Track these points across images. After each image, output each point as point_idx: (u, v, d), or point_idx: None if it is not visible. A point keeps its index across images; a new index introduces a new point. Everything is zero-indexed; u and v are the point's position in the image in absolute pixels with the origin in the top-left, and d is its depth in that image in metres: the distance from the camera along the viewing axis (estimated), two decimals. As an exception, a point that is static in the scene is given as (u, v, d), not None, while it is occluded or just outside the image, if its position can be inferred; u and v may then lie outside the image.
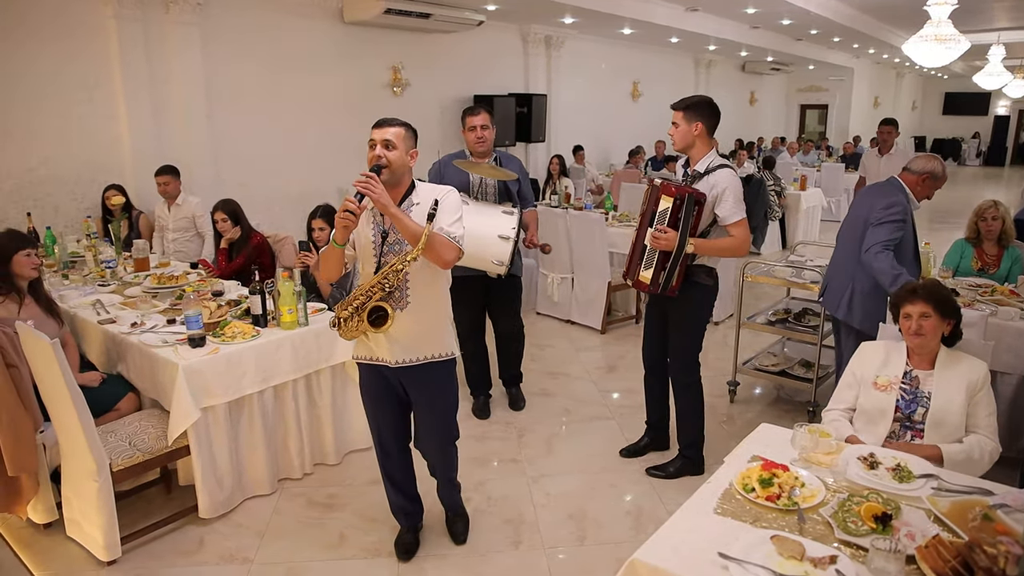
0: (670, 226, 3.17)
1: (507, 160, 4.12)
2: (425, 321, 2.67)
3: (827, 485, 2.09)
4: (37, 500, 3.09)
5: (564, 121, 11.01)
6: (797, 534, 1.85)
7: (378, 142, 2.56)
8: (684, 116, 3.28)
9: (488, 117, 3.95)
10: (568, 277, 6.13)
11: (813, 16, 10.46)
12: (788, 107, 20.14)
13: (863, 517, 1.88)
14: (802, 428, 2.26)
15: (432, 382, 2.76)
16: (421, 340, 2.68)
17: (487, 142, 3.95)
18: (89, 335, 3.74)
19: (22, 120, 5.69)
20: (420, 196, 2.63)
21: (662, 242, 3.18)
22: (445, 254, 2.56)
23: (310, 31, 7.55)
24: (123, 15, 5.98)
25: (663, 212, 3.20)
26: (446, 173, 4.02)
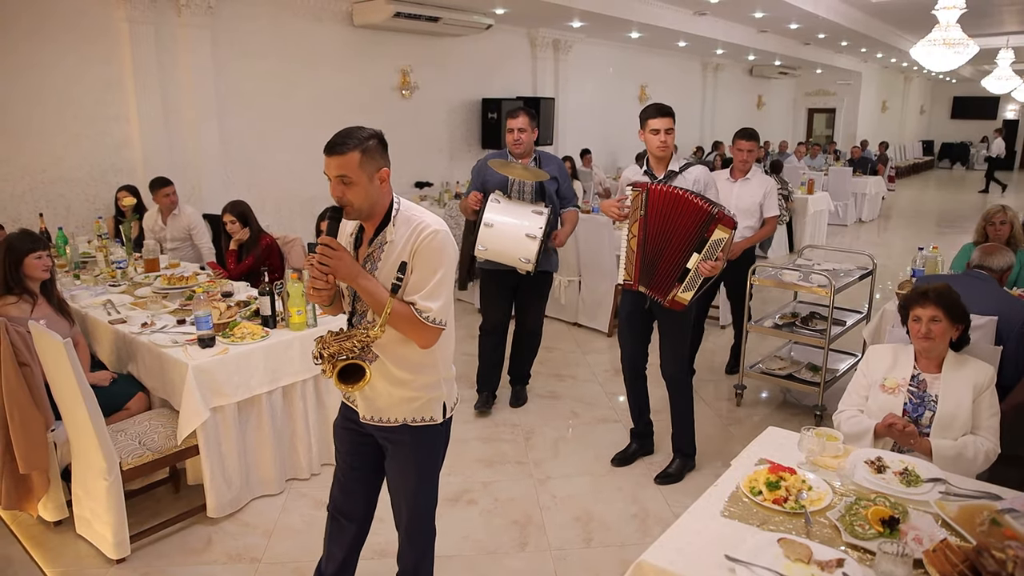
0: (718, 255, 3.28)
1: (546, 160, 4.16)
2: (398, 380, 2.13)
3: (834, 488, 2.10)
4: (48, 498, 3.11)
5: (572, 124, 11.03)
6: (804, 537, 1.86)
7: (331, 177, 2.00)
8: (673, 121, 3.41)
9: (527, 120, 4.03)
10: (575, 280, 6.14)
11: (821, 20, 10.45)
12: (796, 111, 20.13)
13: (870, 521, 1.88)
14: (809, 431, 2.26)
15: (403, 449, 2.24)
16: (392, 400, 2.16)
17: (524, 144, 4.03)
18: (100, 335, 3.77)
19: (36, 122, 5.74)
20: (397, 232, 2.06)
21: (717, 270, 3.27)
22: (417, 336, 2.05)
23: (320, 34, 7.59)
24: (135, 18, 6.03)
25: (717, 242, 3.22)
26: (486, 172, 4.08)
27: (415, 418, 2.19)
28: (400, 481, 2.29)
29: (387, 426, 2.20)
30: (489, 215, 3.82)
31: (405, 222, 2.07)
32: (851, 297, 5.15)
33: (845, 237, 10.94)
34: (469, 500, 3.45)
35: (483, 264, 4.14)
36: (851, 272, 4.74)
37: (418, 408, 2.18)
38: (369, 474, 2.37)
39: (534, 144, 4.12)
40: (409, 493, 2.29)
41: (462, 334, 5.95)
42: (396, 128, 8.67)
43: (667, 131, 3.36)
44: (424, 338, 2.06)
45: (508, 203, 3.90)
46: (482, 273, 4.31)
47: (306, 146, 7.54)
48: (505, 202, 3.89)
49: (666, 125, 3.36)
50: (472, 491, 3.53)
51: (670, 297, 3.35)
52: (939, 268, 4.37)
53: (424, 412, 2.19)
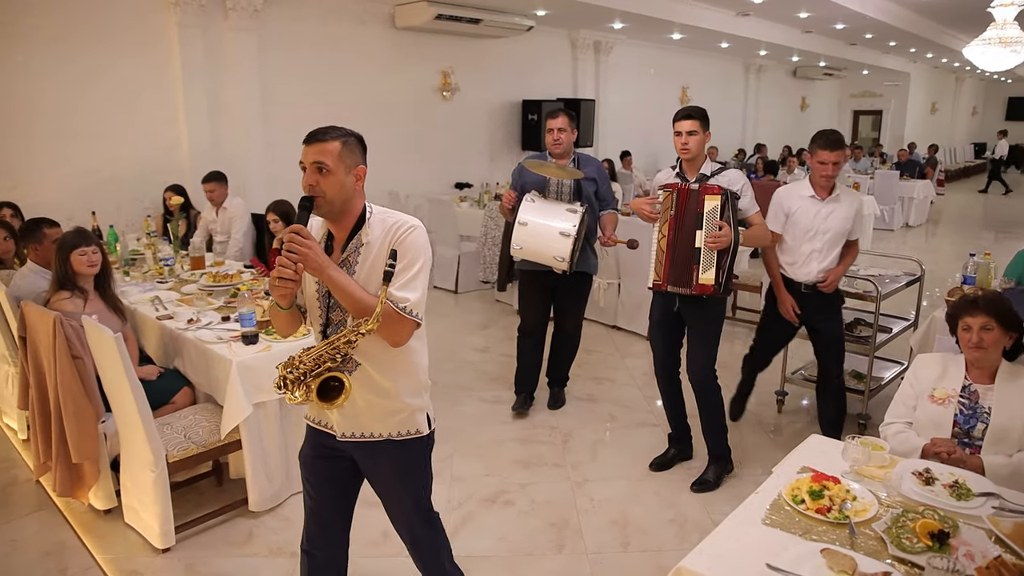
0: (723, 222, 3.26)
1: (585, 162, 4.17)
2: (382, 389, 2.03)
3: (880, 499, 2.05)
4: (98, 487, 3.21)
5: (612, 126, 11.00)
6: (848, 548, 1.82)
7: (308, 165, 1.91)
8: (701, 125, 3.37)
9: (566, 120, 4.05)
10: (615, 282, 6.10)
11: (868, 20, 10.24)
12: (840, 113, 19.77)
13: (918, 534, 1.84)
14: (854, 440, 2.21)
15: (388, 465, 2.14)
16: (374, 413, 2.05)
17: (563, 144, 4.04)
18: (148, 330, 3.87)
19: (89, 123, 5.93)
20: (373, 233, 1.97)
21: (723, 239, 3.23)
22: (395, 332, 1.94)
23: (362, 37, 7.69)
24: (185, 23, 6.19)
25: (712, 211, 3.25)
26: (525, 174, 4.12)
27: (400, 432, 2.08)
28: (394, 503, 2.22)
29: (369, 442, 2.07)
30: (523, 214, 3.84)
31: (380, 223, 1.98)
32: (898, 304, 5.03)
33: (891, 242, 10.70)
34: (506, 501, 3.45)
35: (521, 265, 4.15)
36: (898, 278, 4.62)
37: (402, 421, 2.08)
38: (347, 501, 2.27)
39: (573, 146, 4.12)
40: (408, 513, 2.22)
41: (501, 335, 5.97)
42: (437, 129, 8.76)
43: (689, 133, 3.34)
44: (400, 333, 1.94)
45: (543, 202, 3.92)
46: (521, 274, 4.32)
47: (348, 147, 7.64)
48: (540, 201, 3.91)
49: (688, 128, 3.34)
50: (509, 492, 3.53)
51: (695, 284, 3.33)
52: (991, 275, 4.24)
53: (409, 425, 2.09)
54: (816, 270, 3.68)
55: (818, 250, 3.66)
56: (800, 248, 3.69)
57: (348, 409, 2.03)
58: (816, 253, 3.67)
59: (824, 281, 3.68)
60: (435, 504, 2.29)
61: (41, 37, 5.60)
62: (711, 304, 3.44)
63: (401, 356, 2.04)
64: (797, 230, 3.69)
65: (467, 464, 3.81)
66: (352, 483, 2.25)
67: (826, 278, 3.69)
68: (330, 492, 2.22)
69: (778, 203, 3.76)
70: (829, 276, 3.69)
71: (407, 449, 2.11)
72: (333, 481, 2.20)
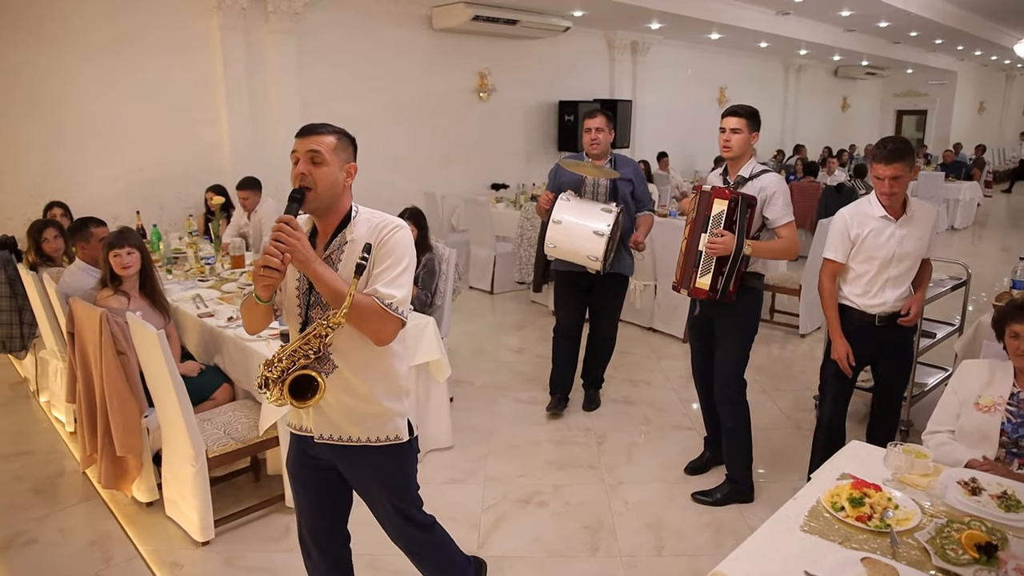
0: (725, 229, 3.14)
1: (622, 163, 4.16)
2: (358, 392, 1.99)
3: (923, 508, 2.00)
4: (141, 480, 3.29)
5: (649, 127, 10.93)
6: (890, 558, 1.78)
7: (301, 155, 1.92)
8: (748, 124, 3.25)
9: (604, 120, 4.04)
10: (651, 284, 6.06)
11: (914, 18, 10.02)
12: (883, 113, 19.35)
13: (964, 545, 1.79)
14: (896, 447, 2.16)
15: (367, 471, 2.11)
16: (351, 416, 2.02)
17: (601, 144, 4.03)
18: (189, 327, 3.95)
19: (134, 124, 6.08)
20: (357, 231, 1.97)
21: (719, 246, 3.12)
22: (377, 327, 1.89)
23: (400, 38, 7.76)
24: (228, 25, 6.31)
25: (717, 216, 3.16)
26: (561, 174, 4.11)
27: (379, 437, 2.04)
28: (378, 508, 2.19)
29: (344, 445, 2.04)
30: (558, 212, 3.84)
31: (366, 222, 1.99)
32: (942, 308, 4.91)
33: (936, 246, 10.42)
34: (540, 502, 3.45)
35: (557, 265, 4.15)
36: (942, 282, 4.51)
37: (379, 426, 2.04)
38: (336, 511, 2.25)
39: (610, 146, 4.11)
40: (392, 518, 2.19)
41: (537, 336, 5.97)
42: (473, 130, 8.79)
43: (732, 131, 3.24)
44: (385, 330, 1.91)
45: (578, 201, 3.91)
46: (556, 275, 4.31)
47: (385, 148, 7.72)
48: (575, 200, 3.91)
49: (732, 125, 3.24)
50: (543, 493, 3.53)
51: (692, 287, 3.27)
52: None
53: (388, 431, 2.04)
54: (892, 299, 3.12)
55: (894, 277, 3.11)
56: (873, 277, 3.12)
57: (324, 410, 2.00)
58: (892, 281, 3.11)
59: (906, 314, 3.13)
60: (469, 503, 2.30)
61: (88, 41, 5.77)
62: (734, 309, 3.30)
63: (379, 359, 2.01)
64: (869, 257, 3.10)
65: (501, 464, 3.82)
66: (340, 494, 2.22)
67: (908, 308, 3.14)
68: (318, 502, 2.20)
69: (843, 229, 3.14)
70: (912, 306, 3.14)
71: (385, 455, 2.07)
72: (324, 488, 2.18)
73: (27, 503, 3.42)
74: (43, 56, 5.60)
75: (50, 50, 5.63)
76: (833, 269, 3.19)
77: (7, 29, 5.44)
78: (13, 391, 4.84)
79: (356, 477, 2.14)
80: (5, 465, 3.80)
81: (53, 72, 5.66)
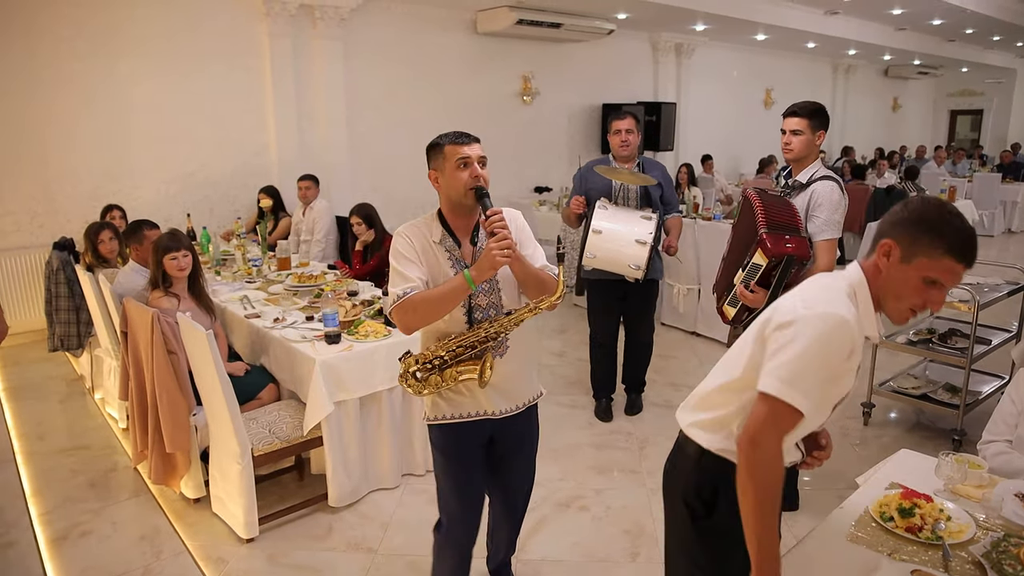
0: (760, 281, 2.84)
1: (650, 166, 4.11)
2: (524, 364, 2.32)
3: (977, 521, 1.93)
4: (188, 476, 3.37)
5: (693, 129, 10.82)
6: (942, 571, 1.73)
7: (475, 160, 2.15)
8: (809, 124, 3.05)
9: (633, 122, 3.99)
10: (695, 288, 5.99)
11: (969, 14, 9.73)
12: (936, 113, 18.80)
13: (1022, 560, 1.73)
14: (949, 457, 2.10)
15: (531, 427, 2.45)
16: (521, 385, 2.33)
17: (631, 146, 3.98)
18: (236, 328, 4.03)
19: (186, 130, 6.24)
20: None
21: (749, 300, 2.91)
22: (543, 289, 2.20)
23: (445, 42, 7.82)
24: (276, 32, 6.44)
25: (755, 267, 2.89)
26: (589, 178, 4.06)
27: (533, 396, 2.39)
28: (524, 454, 2.48)
29: (521, 411, 2.33)
30: (597, 222, 3.78)
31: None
32: (997, 314, 4.74)
33: (992, 249, 10.11)
34: (581, 506, 3.43)
35: (589, 274, 4.09)
36: (999, 287, 4.37)
37: (535, 383, 2.40)
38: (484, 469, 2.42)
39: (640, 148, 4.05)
40: (531, 456, 2.50)
41: (578, 340, 5.94)
42: (517, 134, 8.81)
43: (793, 132, 3.06)
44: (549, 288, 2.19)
45: (616, 209, 3.86)
46: (588, 284, 4.23)
47: (429, 151, 7.78)
48: (612, 208, 3.86)
49: (792, 126, 3.07)
50: (584, 497, 3.51)
51: (719, 305, 3.20)
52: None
53: (536, 389, 2.41)
54: None
55: None
56: None
57: (507, 386, 2.26)
58: None
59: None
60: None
61: (142, 49, 5.95)
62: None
63: (530, 336, 2.33)
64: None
65: (542, 468, 3.75)
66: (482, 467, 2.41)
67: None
68: (480, 479, 2.41)
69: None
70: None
71: (536, 408, 2.45)
72: (474, 465, 2.36)
73: (83, 496, 3.53)
74: (100, 64, 5.80)
75: (107, 58, 5.82)
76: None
77: (69, 39, 5.64)
78: (70, 388, 5.01)
79: (515, 440, 2.40)
80: (63, 459, 3.93)
81: (110, 79, 5.85)
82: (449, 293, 2.08)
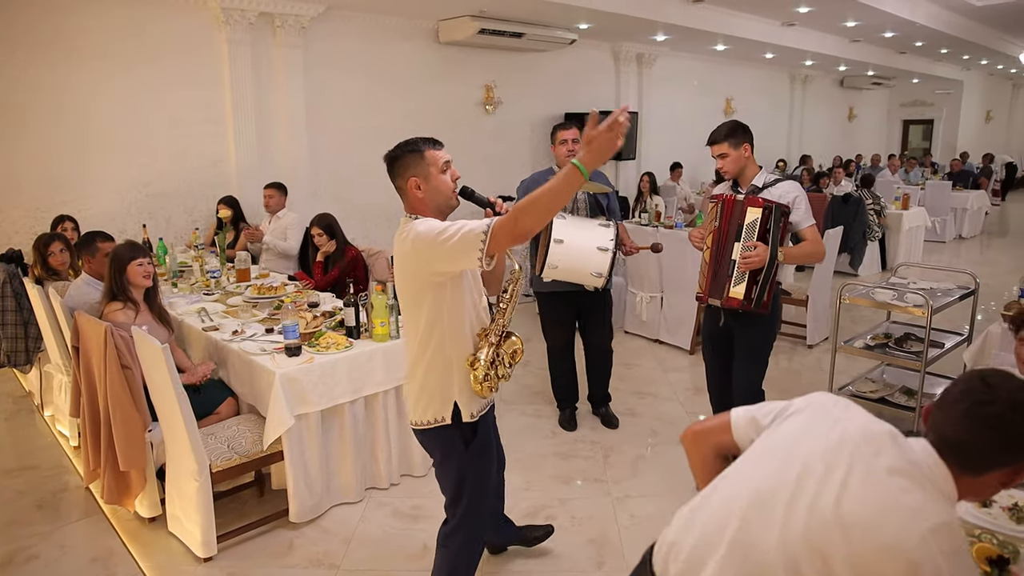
0: (758, 239, 3.18)
1: (595, 175, 4.11)
2: None
3: (934, 522, 1.96)
4: (144, 495, 3.27)
5: (655, 138, 10.92)
6: (901, 573, 1.74)
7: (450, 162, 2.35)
8: (730, 144, 3.29)
9: (578, 132, 4.01)
10: (657, 296, 6.04)
11: (919, 28, 10.01)
12: (889, 123, 19.31)
13: (975, 559, 1.76)
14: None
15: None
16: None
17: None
18: (194, 341, 3.95)
19: (142, 139, 6.11)
20: None
21: (754, 259, 3.16)
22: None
23: (407, 52, 7.79)
24: (235, 39, 6.34)
25: (751, 224, 3.18)
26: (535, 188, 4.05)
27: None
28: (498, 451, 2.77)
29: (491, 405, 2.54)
30: (558, 231, 3.74)
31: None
32: (950, 318, 4.87)
33: (943, 255, 10.39)
34: (547, 516, 3.42)
35: (540, 287, 4.09)
36: (950, 291, 4.48)
37: None
38: None
39: None
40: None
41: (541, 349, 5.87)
42: (479, 143, 8.80)
43: (720, 157, 3.32)
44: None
45: (572, 218, 3.86)
46: (540, 297, 4.25)
47: (391, 161, 7.73)
48: (570, 217, 3.85)
49: (716, 152, 3.33)
50: (549, 507, 3.50)
51: (725, 296, 3.28)
52: (1052, 289, 4.07)
53: None
54: None
55: None
56: None
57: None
58: None
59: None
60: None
61: (95, 54, 5.80)
62: (758, 320, 3.34)
63: None
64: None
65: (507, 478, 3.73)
66: None
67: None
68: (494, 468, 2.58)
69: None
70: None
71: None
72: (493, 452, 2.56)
73: (29, 519, 3.41)
74: (50, 71, 5.64)
75: (57, 65, 5.67)
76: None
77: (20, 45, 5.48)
78: (17, 405, 4.85)
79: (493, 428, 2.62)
80: (8, 480, 3.79)
81: (60, 87, 5.70)
82: (563, 183, 2.01)
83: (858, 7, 8.60)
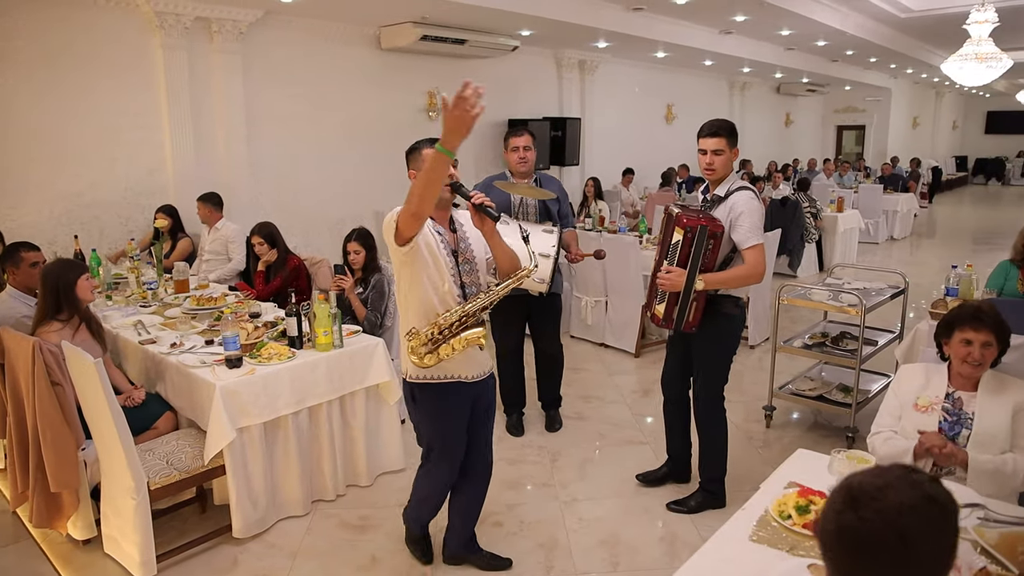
0: (679, 262, 3.06)
1: (547, 181, 4.17)
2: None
3: (868, 514, 2.03)
4: (77, 516, 3.14)
5: (598, 144, 11.05)
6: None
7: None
8: (727, 142, 3.15)
9: (531, 139, 4.05)
10: (602, 300, 6.10)
11: (848, 37, 10.38)
12: (824, 128, 19.95)
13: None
14: (840, 454, 2.20)
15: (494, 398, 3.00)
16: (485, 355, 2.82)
17: (529, 163, 4.04)
18: (130, 355, 3.82)
19: (72, 147, 5.89)
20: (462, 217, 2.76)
21: (666, 283, 3.09)
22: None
23: (348, 58, 7.71)
24: (170, 44, 6.18)
25: (675, 245, 3.08)
26: (489, 194, 4.05)
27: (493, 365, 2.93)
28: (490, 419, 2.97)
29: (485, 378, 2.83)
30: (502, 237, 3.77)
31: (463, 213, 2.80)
32: (883, 316, 5.05)
33: (876, 255, 10.77)
34: (495, 523, 3.41)
35: None
36: (883, 291, 4.65)
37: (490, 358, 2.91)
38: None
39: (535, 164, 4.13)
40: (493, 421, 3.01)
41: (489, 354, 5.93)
42: (423, 149, 8.73)
43: (714, 152, 3.14)
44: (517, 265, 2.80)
45: (516, 224, 3.88)
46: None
47: (334, 168, 7.64)
48: (514, 223, 3.87)
49: (713, 146, 3.14)
50: (498, 513, 3.49)
51: (651, 311, 3.30)
52: (974, 286, 4.27)
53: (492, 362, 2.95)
54: None
55: None
56: None
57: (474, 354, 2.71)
58: None
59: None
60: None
61: (23, 60, 5.58)
62: (705, 336, 3.25)
63: None
64: None
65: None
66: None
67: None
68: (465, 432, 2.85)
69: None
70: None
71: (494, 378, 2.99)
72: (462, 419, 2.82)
73: (-46, 545, 3.25)
74: (-27, 78, 5.41)
75: (-19, 72, 5.44)
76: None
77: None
78: (-58, 427, 4.61)
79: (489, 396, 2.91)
80: (-68, 505, 3.61)
81: (-16, 94, 5.47)
82: (430, 171, 2.31)
83: (792, 16, 8.87)
